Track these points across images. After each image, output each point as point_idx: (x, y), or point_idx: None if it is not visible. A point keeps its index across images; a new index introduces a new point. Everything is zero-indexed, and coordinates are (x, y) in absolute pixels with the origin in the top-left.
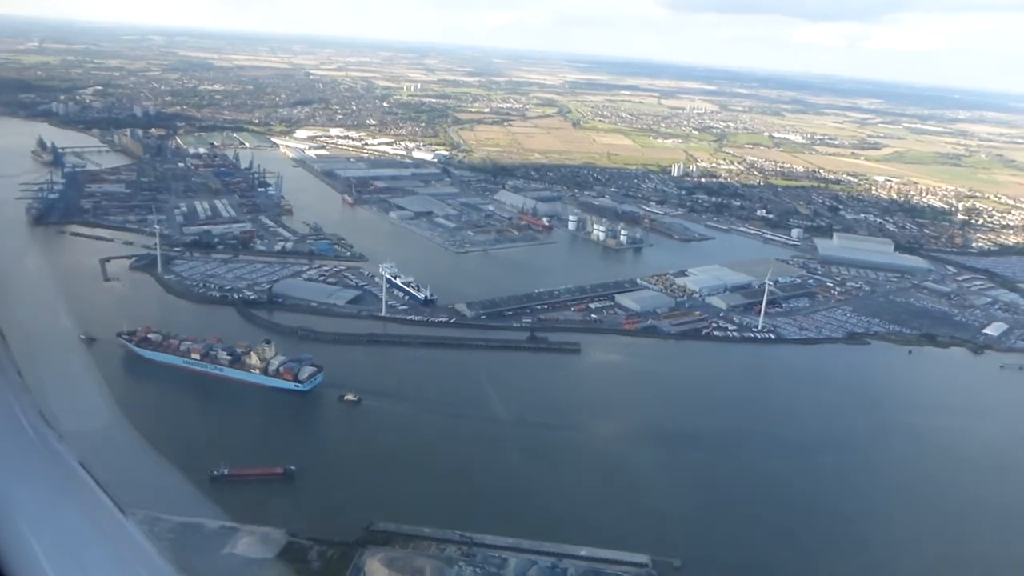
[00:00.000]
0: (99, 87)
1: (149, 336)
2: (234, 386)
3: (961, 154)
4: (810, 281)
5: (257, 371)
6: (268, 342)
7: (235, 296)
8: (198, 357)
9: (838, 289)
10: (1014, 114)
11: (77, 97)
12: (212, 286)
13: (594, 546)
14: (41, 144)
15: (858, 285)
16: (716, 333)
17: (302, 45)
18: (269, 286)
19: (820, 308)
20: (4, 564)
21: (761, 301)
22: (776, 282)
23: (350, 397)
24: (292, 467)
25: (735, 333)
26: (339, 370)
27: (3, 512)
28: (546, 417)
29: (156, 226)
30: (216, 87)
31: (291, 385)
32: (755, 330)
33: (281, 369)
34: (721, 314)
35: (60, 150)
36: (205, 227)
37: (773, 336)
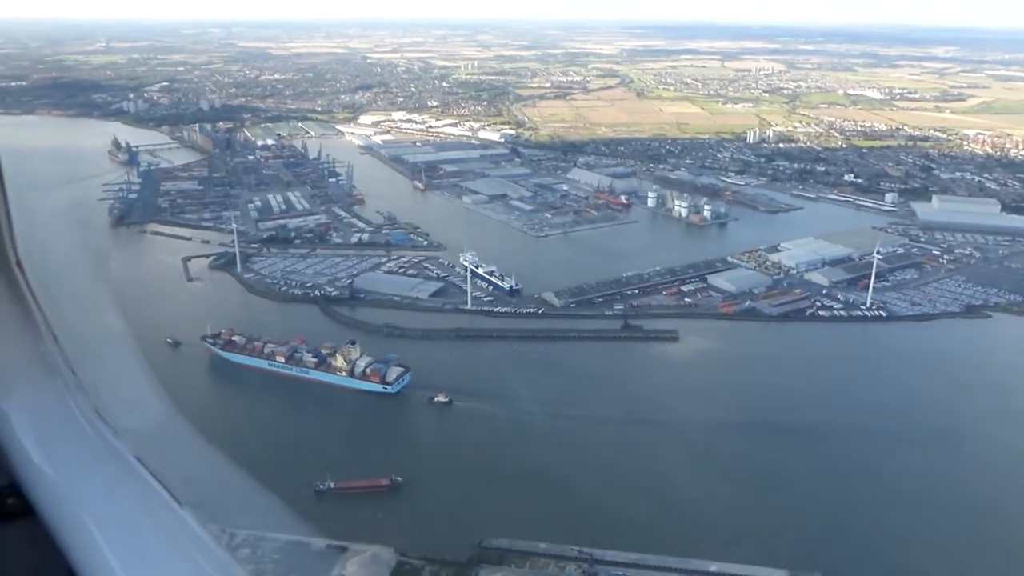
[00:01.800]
0: (165, 83)
1: (233, 339)
2: (320, 389)
3: None
4: (914, 250)
5: (343, 373)
6: (353, 343)
7: (317, 293)
8: (283, 360)
9: (946, 257)
10: None
11: (145, 95)
12: (293, 283)
13: (725, 560)
14: (116, 144)
15: (967, 252)
16: (821, 313)
17: (356, 29)
18: (350, 281)
19: (930, 279)
20: (69, 553)
21: (866, 275)
22: (880, 253)
23: (440, 398)
24: (398, 478)
25: (842, 312)
26: (426, 368)
27: (66, 504)
28: (654, 414)
29: (233, 224)
30: (277, 76)
31: (379, 387)
32: (863, 307)
33: (368, 371)
34: (824, 291)
35: (134, 149)
36: (280, 221)
37: (884, 313)
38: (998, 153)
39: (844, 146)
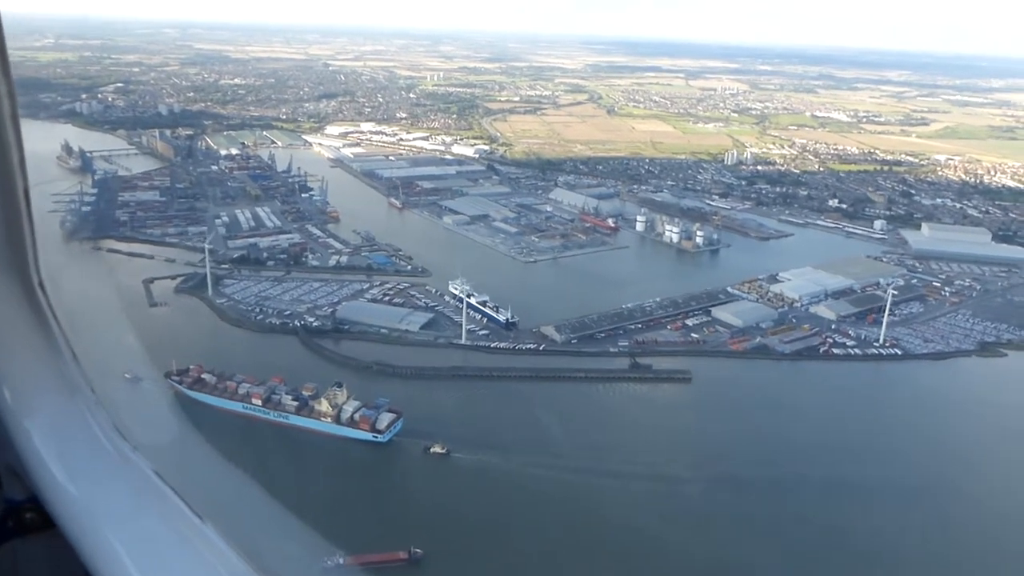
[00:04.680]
0: (120, 84)
1: (203, 377)
2: (302, 436)
3: (1013, 126)
4: (914, 281)
5: (328, 419)
6: (339, 385)
7: (297, 323)
8: (260, 403)
9: (948, 290)
10: None
11: (99, 96)
12: (269, 311)
13: None
14: (67, 148)
15: (967, 284)
16: (835, 351)
17: (315, 35)
18: (332, 310)
19: (936, 313)
20: (90, 566)
21: (874, 309)
22: (878, 284)
23: (437, 449)
24: (418, 551)
25: (856, 350)
26: (420, 413)
27: (88, 518)
28: (677, 468)
29: (207, 244)
30: (237, 81)
31: (368, 436)
32: (876, 344)
33: (357, 417)
34: (832, 326)
35: (88, 154)
36: (250, 240)
37: (899, 351)
38: (972, 179)
39: (822, 170)
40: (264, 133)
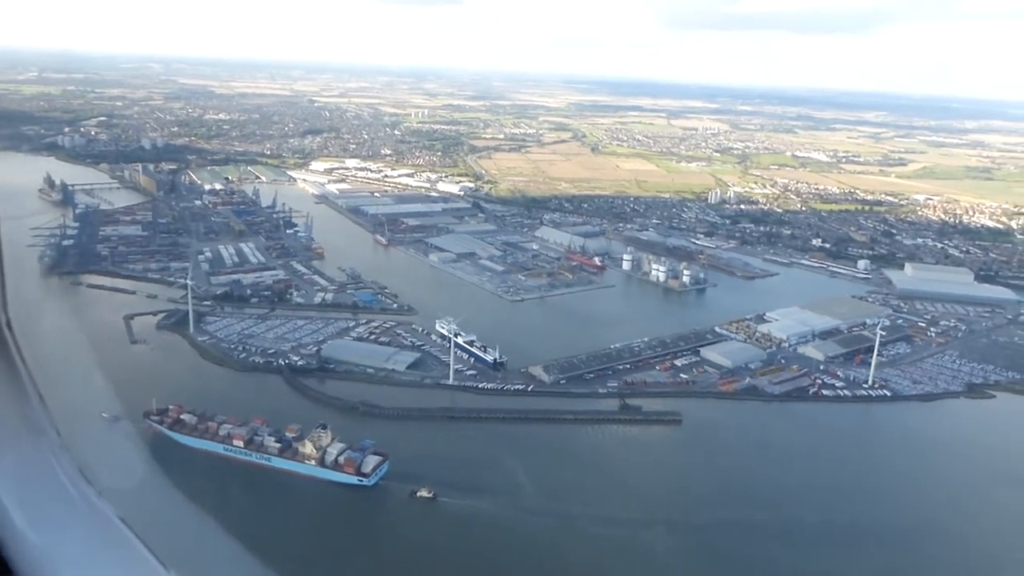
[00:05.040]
0: (103, 118)
1: (183, 417)
2: (285, 479)
3: (989, 167)
4: (900, 321)
5: (312, 462)
6: (324, 427)
7: (281, 362)
8: (241, 444)
9: (933, 330)
10: (1018, 122)
11: (82, 129)
12: (252, 349)
13: None
14: (49, 181)
15: (952, 324)
16: (825, 392)
17: (300, 71)
18: (317, 348)
19: (923, 354)
20: None
21: (861, 350)
22: (864, 324)
23: (424, 493)
24: None
25: (845, 391)
26: (407, 455)
27: (48, 566)
28: (668, 513)
29: (189, 280)
30: (222, 116)
31: (353, 479)
32: (865, 385)
33: (341, 460)
34: (821, 367)
35: (70, 188)
36: (234, 276)
37: (888, 392)
38: (951, 219)
39: (804, 209)
40: (248, 168)
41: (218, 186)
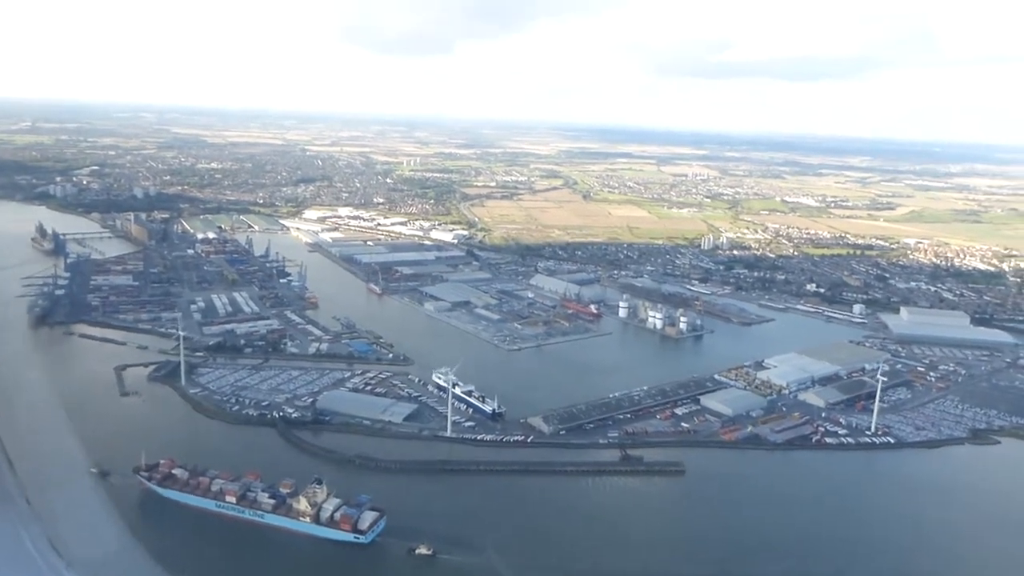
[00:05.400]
0: (96, 167)
1: (173, 472)
2: (279, 536)
3: (976, 210)
4: (898, 366)
5: (307, 519)
6: (319, 481)
7: (275, 414)
8: (234, 500)
9: (933, 375)
10: (1001, 165)
11: (74, 178)
12: (246, 401)
13: None
14: (40, 230)
15: (952, 368)
16: (828, 440)
17: (292, 121)
18: (312, 400)
19: (924, 399)
20: None
21: (862, 396)
22: (863, 370)
23: (423, 550)
24: None
25: (849, 439)
26: (405, 509)
27: None
28: (691, 570)
29: (180, 329)
30: (214, 165)
31: (350, 536)
32: (868, 432)
33: (337, 516)
34: (823, 414)
35: (61, 237)
36: (227, 326)
37: (891, 439)
38: (943, 262)
39: (796, 254)
40: (241, 217)
41: (211, 235)
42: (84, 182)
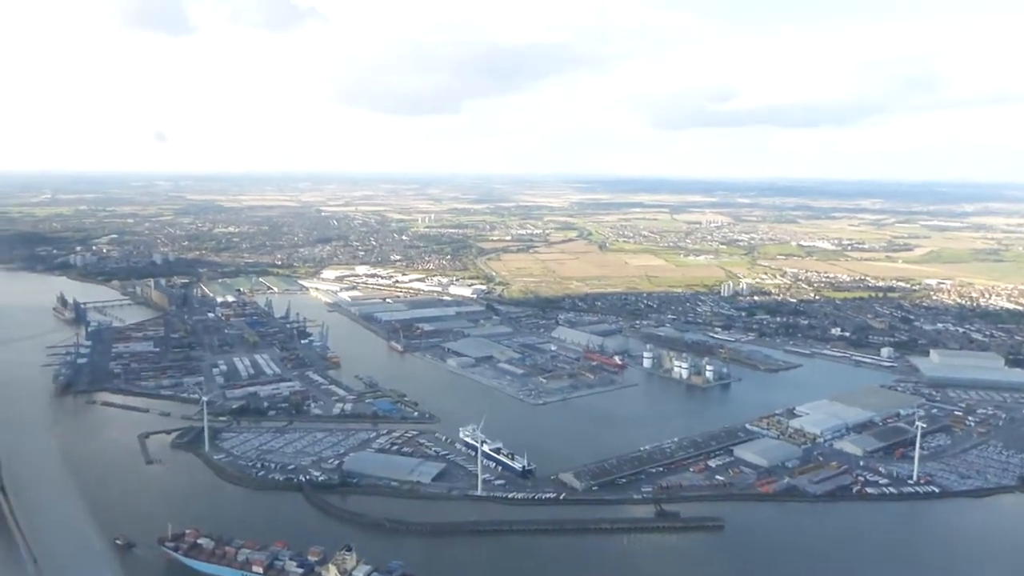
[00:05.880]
0: (114, 235)
1: (199, 542)
2: None
3: (996, 248)
4: (935, 411)
5: None
6: (349, 549)
7: (301, 478)
8: (261, 570)
9: (971, 419)
10: (1016, 203)
11: (94, 248)
12: (271, 465)
13: None
14: (62, 300)
15: (990, 412)
16: (869, 490)
17: (306, 183)
18: (338, 462)
19: (965, 445)
20: None
21: (899, 443)
22: (898, 415)
23: None
24: None
25: (891, 488)
26: (437, 574)
27: None
28: None
29: (202, 395)
30: (231, 229)
31: None
32: (911, 482)
33: None
34: (861, 463)
35: (83, 306)
36: (250, 389)
37: (936, 488)
38: (968, 302)
39: (817, 298)
40: (260, 279)
41: (230, 298)
42: (104, 251)
